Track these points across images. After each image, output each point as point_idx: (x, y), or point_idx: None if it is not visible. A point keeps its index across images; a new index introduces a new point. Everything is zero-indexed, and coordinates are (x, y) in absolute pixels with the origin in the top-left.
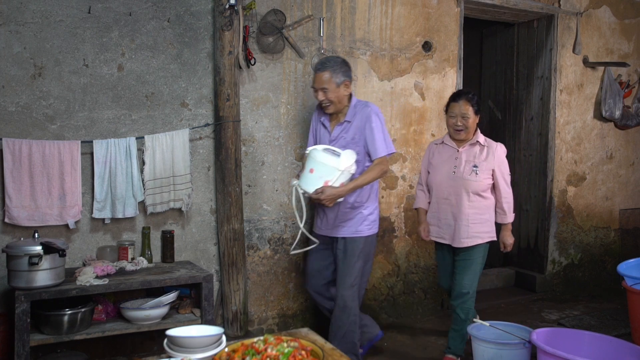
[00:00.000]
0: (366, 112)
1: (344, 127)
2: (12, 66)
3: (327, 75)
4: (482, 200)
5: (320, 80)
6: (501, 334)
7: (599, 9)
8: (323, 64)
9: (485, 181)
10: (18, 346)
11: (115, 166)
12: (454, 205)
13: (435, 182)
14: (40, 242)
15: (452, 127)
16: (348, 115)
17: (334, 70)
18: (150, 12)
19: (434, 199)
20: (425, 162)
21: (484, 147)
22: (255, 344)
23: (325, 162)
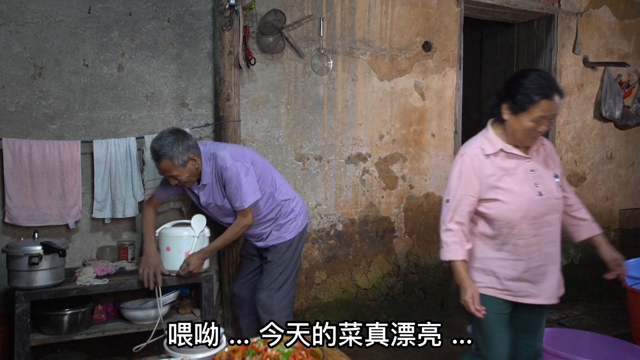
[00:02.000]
0: (221, 166)
1: (206, 191)
2: (12, 66)
3: (166, 164)
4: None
5: (164, 169)
6: None
7: (599, 9)
8: (156, 152)
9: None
10: (18, 346)
11: (115, 166)
12: (551, 242)
13: (510, 215)
14: (40, 242)
15: (530, 134)
16: (204, 178)
17: (172, 156)
18: (150, 12)
19: (506, 240)
20: (472, 185)
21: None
22: (255, 344)
23: (179, 235)
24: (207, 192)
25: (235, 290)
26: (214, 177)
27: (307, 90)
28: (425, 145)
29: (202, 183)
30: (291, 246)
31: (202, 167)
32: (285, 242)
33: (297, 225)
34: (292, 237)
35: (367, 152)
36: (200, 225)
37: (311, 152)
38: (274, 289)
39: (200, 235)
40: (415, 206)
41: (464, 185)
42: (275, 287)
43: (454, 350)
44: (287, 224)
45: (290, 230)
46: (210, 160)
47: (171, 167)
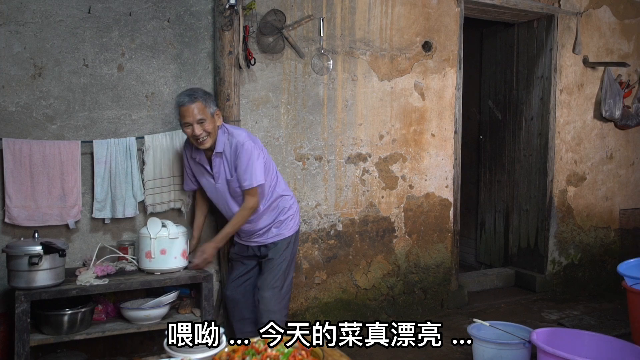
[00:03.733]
0: (235, 143)
1: (218, 161)
2: (12, 66)
3: (200, 105)
4: None
5: (194, 112)
6: (501, 334)
7: (599, 9)
8: (191, 95)
9: None
10: (18, 346)
11: (115, 166)
12: None
13: None
14: (40, 242)
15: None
16: (218, 146)
17: (205, 100)
18: (150, 12)
19: None
20: None
21: None
22: (255, 344)
23: (174, 236)
24: (218, 164)
25: (228, 293)
26: (228, 149)
27: (307, 90)
28: (425, 145)
29: (216, 150)
30: (290, 243)
31: (218, 136)
32: (285, 238)
33: (295, 223)
34: (291, 234)
35: (367, 152)
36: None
37: (311, 152)
38: (278, 287)
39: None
40: (415, 206)
41: None
42: (278, 285)
43: (453, 350)
44: (287, 221)
45: (290, 227)
46: (226, 134)
47: (202, 109)
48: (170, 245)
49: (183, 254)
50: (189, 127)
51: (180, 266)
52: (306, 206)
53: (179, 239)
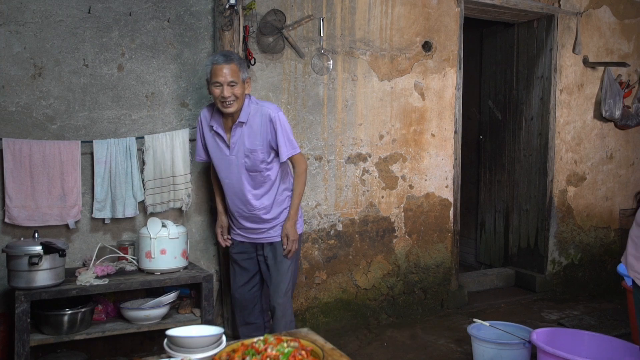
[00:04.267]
0: (265, 109)
1: (238, 131)
2: (12, 66)
3: (234, 67)
4: None
5: (227, 72)
6: (501, 334)
7: (599, 9)
8: (227, 56)
9: None
10: (18, 346)
11: (115, 166)
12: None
13: None
14: (40, 242)
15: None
16: (243, 115)
17: (240, 64)
18: (150, 12)
19: None
20: None
21: None
22: (255, 344)
23: (174, 236)
24: (239, 134)
25: (237, 296)
26: (256, 120)
27: (307, 90)
28: (425, 145)
29: (239, 120)
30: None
31: (243, 105)
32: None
33: (300, 225)
34: (300, 232)
35: (367, 152)
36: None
37: (311, 152)
38: (290, 290)
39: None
40: (415, 206)
41: None
42: (290, 288)
43: (453, 350)
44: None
45: (298, 227)
46: (253, 104)
47: (236, 71)
48: (170, 245)
49: (183, 254)
50: (219, 88)
51: (180, 266)
52: (306, 206)
53: (179, 239)
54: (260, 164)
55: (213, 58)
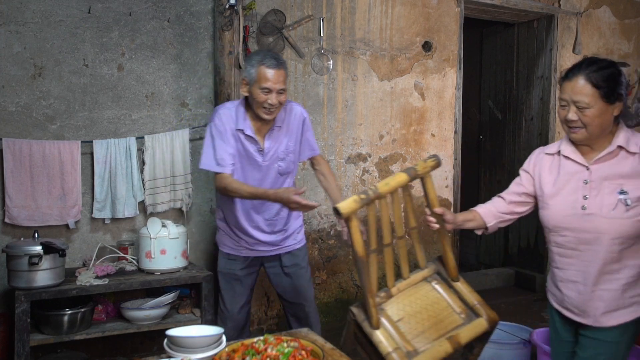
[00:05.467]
0: (295, 110)
1: (275, 135)
2: (12, 66)
3: (284, 73)
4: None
5: (278, 79)
6: (501, 334)
7: (599, 9)
8: (278, 59)
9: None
10: (18, 346)
11: (115, 166)
12: (591, 262)
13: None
14: (40, 242)
15: (563, 123)
16: (278, 120)
17: (287, 70)
18: (150, 12)
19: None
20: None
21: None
22: (255, 344)
23: (174, 236)
24: (274, 139)
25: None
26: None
27: (307, 90)
28: (425, 145)
29: (276, 125)
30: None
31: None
32: (305, 244)
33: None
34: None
35: (367, 152)
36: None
37: None
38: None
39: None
40: (416, 206)
41: (521, 174)
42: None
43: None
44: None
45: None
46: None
47: (285, 78)
48: (170, 245)
49: (183, 254)
50: (267, 94)
51: (180, 266)
52: None
53: (179, 239)
54: (292, 165)
55: (261, 59)
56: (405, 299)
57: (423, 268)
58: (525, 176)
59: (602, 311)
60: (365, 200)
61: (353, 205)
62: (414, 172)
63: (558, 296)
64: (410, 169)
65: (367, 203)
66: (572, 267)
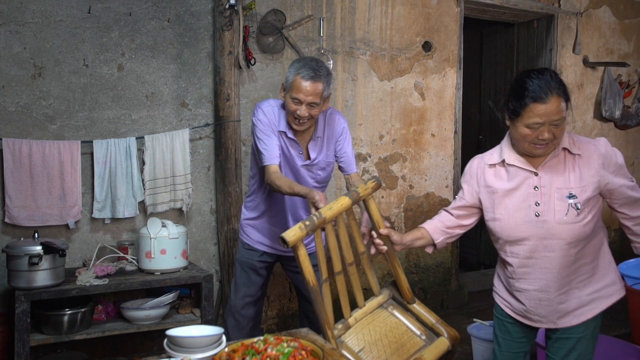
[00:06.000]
0: (336, 120)
1: (317, 145)
2: (12, 66)
3: (320, 87)
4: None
5: (310, 91)
6: None
7: (599, 9)
8: (316, 70)
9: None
10: (18, 346)
11: (115, 166)
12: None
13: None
14: (40, 242)
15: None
16: (319, 129)
17: (327, 80)
18: (150, 12)
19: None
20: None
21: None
22: (255, 344)
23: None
24: (317, 147)
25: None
26: (329, 130)
27: None
28: (425, 145)
29: (317, 136)
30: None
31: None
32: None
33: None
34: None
35: (367, 152)
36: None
37: None
38: None
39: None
40: (415, 206)
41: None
42: None
43: None
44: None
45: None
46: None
47: (321, 92)
48: (170, 245)
49: (183, 254)
50: (297, 104)
51: (180, 266)
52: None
53: (179, 239)
54: (330, 174)
55: (299, 67)
56: (363, 328)
57: (377, 295)
58: (467, 189)
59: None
60: (310, 227)
61: (298, 233)
62: (357, 195)
63: (516, 306)
64: (352, 192)
65: (313, 229)
66: (530, 276)
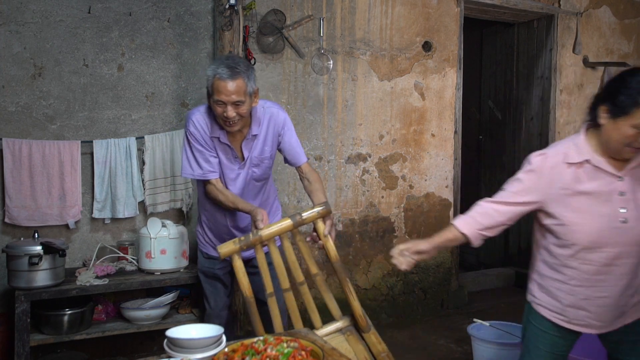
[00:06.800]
0: (275, 114)
1: (249, 143)
2: (12, 66)
3: (242, 84)
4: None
5: (232, 90)
6: (501, 334)
7: (599, 9)
8: (232, 68)
9: None
10: (18, 346)
11: (115, 166)
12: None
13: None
14: (40, 242)
15: (629, 144)
16: (254, 127)
17: (248, 76)
18: (150, 12)
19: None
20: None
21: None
22: (255, 344)
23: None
24: (251, 146)
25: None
26: (265, 126)
27: (307, 90)
28: (425, 145)
29: (253, 133)
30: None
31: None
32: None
33: None
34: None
35: (367, 152)
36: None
37: (311, 152)
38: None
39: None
40: (415, 206)
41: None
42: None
43: (453, 350)
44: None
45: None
46: (260, 110)
47: (243, 89)
48: (170, 245)
49: (183, 254)
50: (221, 107)
51: (181, 266)
52: (306, 206)
53: (179, 239)
54: (268, 170)
55: (216, 69)
56: None
57: (338, 319)
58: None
59: (622, 314)
60: (244, 242)
61: (231, 246)
62: (300, 219)
63: (574, 315)
64: (296, 215)
65: (248, 245)
66: (605, 283)
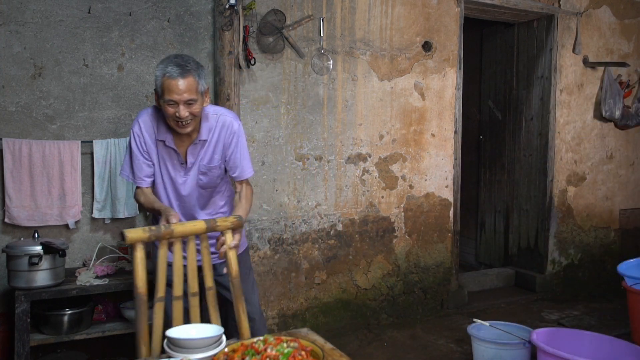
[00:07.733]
0: (227, 122)
1: (199, 149)
2: (12, 66)
3: (193, 81)
4: None
5: (183, 89)
6: (501, 334)
7: (599, 9)
8: (182, 66)
9: None
10: (18, 346)
11: (115, 166)
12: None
13: None
14: (40, 242)
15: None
16: (203, 132)
17: (198, 73)
18: (150, 12)
19: None
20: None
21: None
22: (255, 344)
23: None
24: (198, 152)
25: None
26: (216, 133)
27: (307, 90)
28: (425, 145)
29: (201, 138)
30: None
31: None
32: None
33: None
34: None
35: (367, 152)
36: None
37: (311, 152)
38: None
39: None
40: (415, 206)
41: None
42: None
43: (453, 350)
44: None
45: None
46: (211, 114)
47: (194, 87)
48: None
49: None
50: (173, 107)
51: None
52: (306, 206)
53: None
54: (216, 179)
55: (164, 68)
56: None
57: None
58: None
59: None
60: (155, 233)
61: (140, 233)
62: (213, 224)
63: None
64: (211, 220)
65: (158, 236)
66: None
